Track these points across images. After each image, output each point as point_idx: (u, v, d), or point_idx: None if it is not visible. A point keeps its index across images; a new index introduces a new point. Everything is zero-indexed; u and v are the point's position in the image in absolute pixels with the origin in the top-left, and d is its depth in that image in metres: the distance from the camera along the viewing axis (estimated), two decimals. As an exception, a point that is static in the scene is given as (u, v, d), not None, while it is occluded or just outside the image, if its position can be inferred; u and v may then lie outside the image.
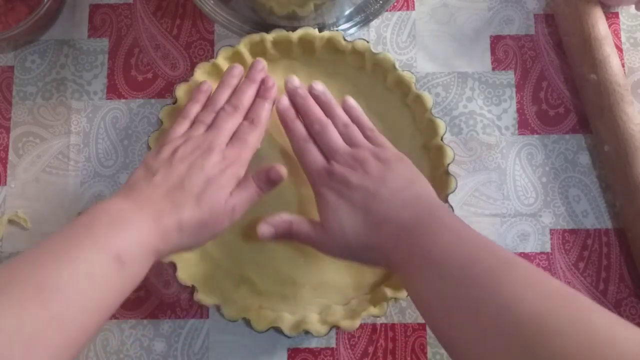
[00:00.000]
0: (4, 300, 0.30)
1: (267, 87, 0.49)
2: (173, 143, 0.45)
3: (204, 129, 0.46)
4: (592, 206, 0.53)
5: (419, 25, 0.56)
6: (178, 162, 0.42)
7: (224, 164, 0.44)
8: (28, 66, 0.56)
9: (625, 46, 0.56)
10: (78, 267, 0.33)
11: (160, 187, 0.41)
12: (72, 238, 0.35)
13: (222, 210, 0.42)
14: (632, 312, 0.52)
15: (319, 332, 0.48)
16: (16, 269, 0.33)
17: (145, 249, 0.37)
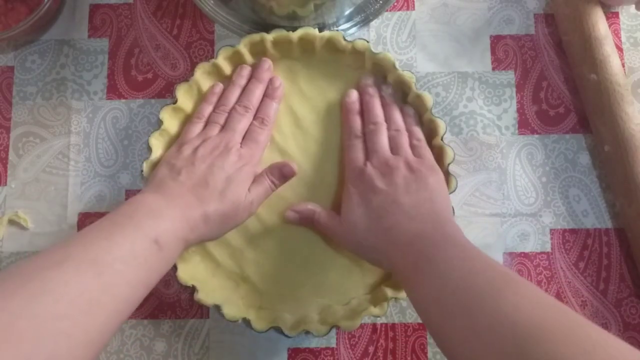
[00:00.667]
0: (64, 272, 0.34)
1: (275, 87, 0.52)
2: (192, 143, 0.49)
3: (218, 129, 0.50)
4: (592, 206, 0.53)
5: (419, 25, 0.56)
6: (200, 162, 0.47)
7: (241, 163, 0.48)
8: (28, 66, 0.56)
9: (625, 46, 0.56)
10: (125, 247, 0.38)
11: (186, 184, 0.45)
12: (118, 224, 0.40)
13: (242, 204, 0.47)
14: (632, 312, 0.52)
15: (319, 332, 0.48)
16: (72, 246, 0.37)
17: (177, 237, 0.42)
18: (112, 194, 0.54)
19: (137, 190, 0.54)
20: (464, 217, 0.53)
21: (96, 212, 0.54)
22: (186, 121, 0.53)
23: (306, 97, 0.53)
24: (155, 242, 0.39)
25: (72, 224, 0.54)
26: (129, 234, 0.39)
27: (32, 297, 0.32)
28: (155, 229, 0.40)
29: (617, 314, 0.52)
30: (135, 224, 0.40)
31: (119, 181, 0.54)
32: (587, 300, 0.52)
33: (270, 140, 0.53)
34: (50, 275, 0.34)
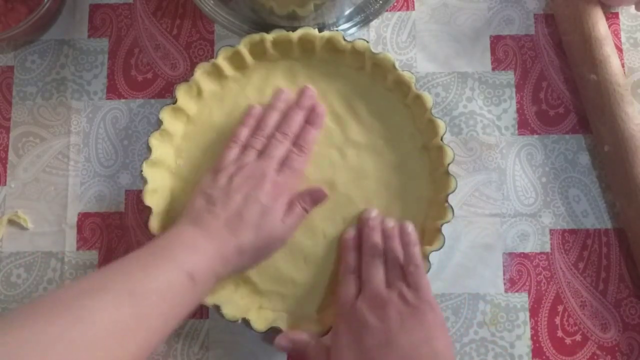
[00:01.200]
0: (102, 300, 0.35)
1: (317, 114, 0.51)
2: (227, 170, 0.48)
3: (256, 155, 0.49)
4: (592, 206, 0.53)
5: (419, 25, 0.56)
6: (235, 192, 0.46)
7: (276, 192, 0.47)
8: (28, 66, 0.56)
9: (625, 46, 0.56)
10: (160, 279, 0.39)
11: (221, 217, 0.45)
12: (154, 255, 0.41)
13: (276, 236, 0.47)
14: (632, 312, 0.52)
15: (319, 332, 0.48)
16: (110, 275, 0.38)
17: (211, 272, 0.42)
18: (112, 194, 0.54)
19: (137, 190, 0.54)
20: (464, 217, 0.53)
21: (96, 212, 0.54)
22: (186, 121, 0.53)
23: (306, 97, 0.53)
24: (190, 276, 0.40)
25: (72, 224, 0.54)
26: (165, 267, 0.40)
27: (70, 323, 0.33)
28: (190, 263, 0.41)
29: (617, 314, 0.52)
30: (171, 256, 0.41)
31: (118, 181, 0.54)
32: (586, 301, 0.52)
33: None
34: (88, 303, 0.35)
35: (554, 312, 0.52)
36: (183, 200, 0.51)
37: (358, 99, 0.53)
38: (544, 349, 0.51)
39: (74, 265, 0.53)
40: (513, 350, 0.51)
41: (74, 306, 0.34)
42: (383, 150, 0.52)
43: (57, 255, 0.53)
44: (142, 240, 0.53)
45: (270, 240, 0.46)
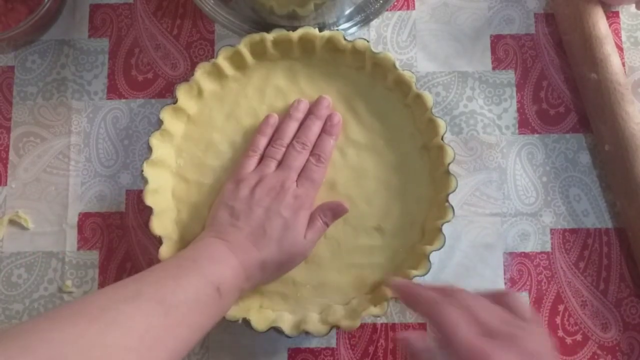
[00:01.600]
0: (137, 307, 0.37)
1: (333, 123, 0.51)
2: (249, 181, 0.49)
3: (275, 165, 0.50)
4: (593, 205, 0.53)
5: (419, 24, 0.56)
6: (257, 205, 0.47)
7: (297, 205, 0.48)
8: (28, 66, 0.56)
9: (625, 45, 0.56)
10: (190, 291, 0.40)
11: (244, 231, 0.46)
12: (184, 266, 0.42)
13: (298, 251, 0.47)
14: (633, 312, 0.52)
15: (320, 332, 0.48)
16: (143, 283, 0.39)
17: (235, 286, 0.43)
18: (113, 194, 0.54)
19: (137, 190, 0.54)
20: (465, 216, 0.53)
21: (97, 212, 0.54)
22: (187, 121, 0.53)
23: (306, 97, 0.53)
24: (217, 289, 0.41)
25: (72, 224, 0.54)
26: (193, 279, 0.41)
27: (106, 327, 0.34)
28: (217, 276, 0.42)
29: (617, 313, 0.52)
30: (199, 269, 0.42)
31: (119, 181, 0.54)
32: (587, 300, 0.52)
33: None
34: (122, 309, 0.36)
35: (555, 311, 0.52)
36: (184, 199, 0.52)
37: (358, 98, 0.53)
38: (545, 349, 0.51)
39: (75, 265, 0.53)
40: (514, 349, 0.51)
41: (110, 310, 0.35)
42: (383, 150, 0.52)
43: (57, 255, 0.53)
44: (142, 240, 0.53)
45: (292, 256, 0.47)
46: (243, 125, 0.53)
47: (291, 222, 0.47)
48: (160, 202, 0.50)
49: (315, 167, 0.50)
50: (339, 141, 0.52)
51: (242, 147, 0.52)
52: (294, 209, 0.47)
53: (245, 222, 0.46)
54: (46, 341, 0.32)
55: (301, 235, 0.47)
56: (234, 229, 0.46)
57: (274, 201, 0.47)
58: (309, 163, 0.50)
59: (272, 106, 0.53)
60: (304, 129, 0.51)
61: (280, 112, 0.53)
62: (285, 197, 0.47)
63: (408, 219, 0.51)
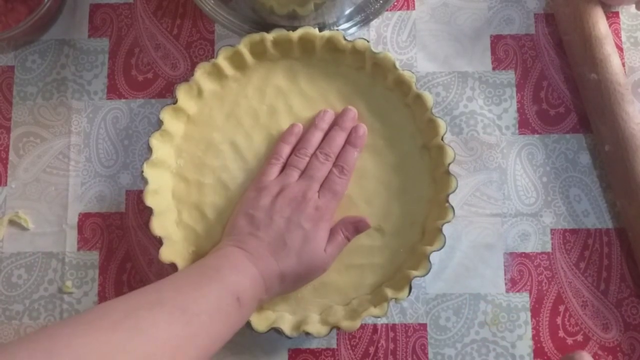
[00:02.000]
0: (157, 314, 0.37)
1: (358, 135, 0.51)
2: (270, 190, 0.49)
3: (298, 174, 0.50)
4: (593, 206, 0.53)
5: (419, 24, 0.56)
6: (278, 216, 0.47)
7: (317, 216, 0.47)
8: (28, 66, 0.56)
9: (625, 45, 0.56)
10: (211, 300, 0.40)
11: (264, 241, 0.46)
12: (205, 275, 0.42)
13: (318, 264, 0.47)
14: (633, 312, 0.52)
15: (320, 332, 0.48)
16: (165, 291, 0.39)
17: (255, 296, 0.44)
18: (113, 194, 0.54)
19: (137, 190, 0.54)
20: (465, 217, 0.53)
21: (97, 213, 0.54)
22: (187, 121, 0.53)
23: (306, 97, 0.53)
24: (237, 298, 0.41)
25: (72, 225, 0.54)
26: (215, 288, 0.41)
27: (129, 334, 0.34)
28: (238, 286, 0.42)
29: (618, 314, 0.52)
30: (220, 278, 0.42)
31: (119, 181, 0.54)
32: (587, 301, 0.52)
33: (270, 140, 0.52)
34: (144, 315, 0.36)
35: (556, 312, 0.52)
36: (184, 200, 0.52)
37: (358, 98, 0.53)
38: (546, 349, 0.51)
39: (75, 266, 0.53)
40: (514, 350, 0.51)
41: (132, 317, 0.35)
42: (383, 150, 0.52)
43: (57, 256, 0.53)
44: (142, 241, 0.53)
45: (311, 269, 0.47)
46: (243, 125, 0.53)
47: (312, 235, 0.46)
48: (161, 202, 0.50)
49: (337, 179, 0.50)
50: None
51: (242, 147, 0.52)
52: (314, 221, 0.47)
53: (266, 232, 0.46)
54: (70, 346, 0.32)
55: (321, 248, 0.47)
56: (254, 238, 0.46)
57: (295, 212, 0.47)
58: (331, 174, 0.50)
59: (272, 106, 0.53)
60: (329, 140, 0.51)
61: (281, 112, 0.53)
62: (307, 208, 0.47)
63: (408, 219, 0.51)
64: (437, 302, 0.52)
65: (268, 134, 0.53)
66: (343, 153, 0.51)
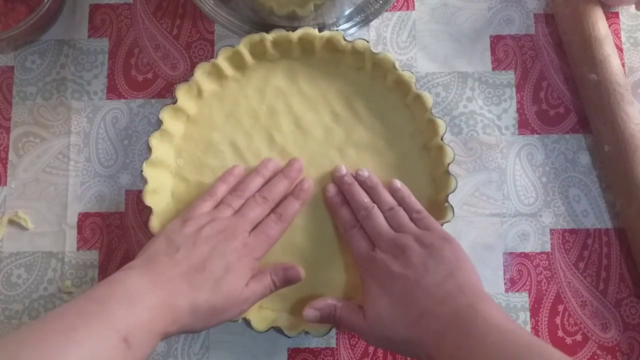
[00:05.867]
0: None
1: (303, 188, 0.50)
2: (198, 221, 0.45)
3: (231, 212, 0.47)
4: (592, 206, 0.53)
5: (419, 25, 0.56)
6: (202, 243, 0.43)
7: (244, 252, 0.45)
8: (28, 66, 0.56)
9: (625, 46, 0.56)
10: (86, 349, 0.34)
11: (181, 266, 0.41)
12: (84, 314, 0.36)
13: (236, 299, 0.43)
14: (632, 312, 0.52)
15: (319, 332, 0.48)
16: (22, 345, 0.33)
17: (153, 332, 0.38)
18: (112, 194, 0.54)
19: (137, 190, 0.54)
20: (464, 217, 0.53)
21: (96, 212, 0.54)
22: (186, 121, 0.53)
23: (306, 97, 0.53)
24: (124, 340, 0.35)
25: (72, 224, 0.54)
26: (95, 329, 0.35)
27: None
28: (126, 324, 0.36)
29: (617, 314, 0.52)
30: (105, 315, 0.36)
31: (118, 181, 0.54)
32: (587, 301, 0.52)
33: (270, 140, 0.53)
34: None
35: (555, 311, 0.52)
36: (183, 199, 0.52)
37: (358, 98, 0.53)
38: (545, 349, 0.51)
39: (75, 266, 0.53)
40: (513, 350, 0.51)
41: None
42: (383, 150, 0.52)
43: (57, 256, 0.53)
44: (142, 241, 0.53)
45: (228, 303, 0.42)
46: (243, 126, 0.53)
47: (234, 266, 0.43)
48: (160, 202, 0.50)
49: (273, 224, 0.47)
50: (338, 141, 0.52)
51: (242, 147, 0.52)
52: (240, 255, 0.44)
53: (185, 256, 0.42)
54: None
55: (243, 281, 0.43)
56: (168, 259, 0.42)
57: (220, 242, 0.44)
58: (268, 219, 0.48)
59: (271, 106, 0.53)
60: (270, 185, 0.49)
61: (280, 113, 0.53)
62: (234, 241, 0.44)
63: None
64: (436, 302, 0.52)
65: (268, 134, 0.53)
66: (284, 203, 0.49)
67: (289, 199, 0.50)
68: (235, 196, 0.48)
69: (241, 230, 0.46)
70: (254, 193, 0.49)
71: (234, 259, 0.43)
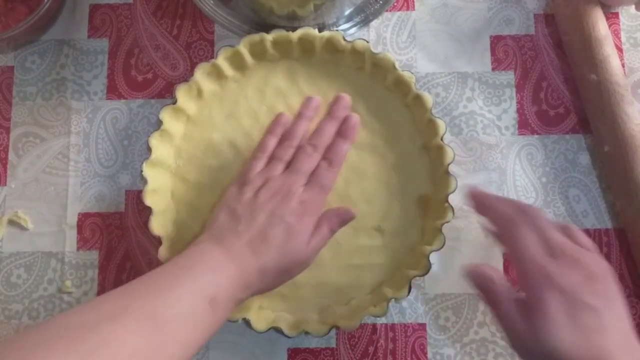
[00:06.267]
0: (122, 325, 0.34)
1: (350, 125, 0.48)
2: (253, 183, 0.46)
3: (283, 167, 0.47)
4: (592, 206, 0.53)
5: (419, 25, 0.56)
6: (259, 210, 0.44)
7: (302, 210, 0.45)
8: (28, 66, 0.56)
9: (625, 46, 0.56)
10: (182, 305, 0.38)
11: (244, 236, 0.43)
12: (176, 276, 0.40)
13: (300, 258, 0.44)
14: (632, 312, 0.52)
15: (319, 332, 0.48)
16: (131, 298, 0.37)
17: (231, 297, 0.41)
18: (112, 194, 0.54)
19: (137, 190, 0.54)
20: (464, 217, 0.53)
21: (96, 212, 0.54)
22: (186, 121, 0.53)
23: (306, 97, 0.53)
24: (212, 302, 0.39)
25: (72, 224, 0.54)
26: (186, 291, 0.39)
27: (91, 350, 0.32)
28: (212, 287, 0.40)
29: (617, 314, 0.52)
30: (192, 279, 0.40)
31: (118, 181, 0.54)
32: (587, 301, 0.52)
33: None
34: (108, 329, 0.34)
35: (554, 312, 0.52)
36: (183, 199, 0.52)
37: (358, 98, 0.53)
38: (544, 349, 0.51)
39: (74, 266, 0.53)
40: (513, 350, 0.51)
41: (95, 331, 0.33)
42: (383, 150, 0.52)
43: (57, 256, 0.53)
44: (142, 241, 0.53)
45: (294, 263, 0.44)
46: (243, 126, 0.53)
47: (295, 229, 0.44)
48: (160, 202, 0.50)
49: (325, 172, 0.46)
50: None
51: (242, 147, 0.52)
52: (299, 215, 0.44)
53: (246, 227, 0.43)
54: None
55: (304, 242, 0.44)
56: (233, 234, 0.43)
57: (278, 205, 0.44)
58: (319, 167, 0.47)
59: (271, 107, 0.53)
60: (317, 130, 0.48)
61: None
62: (291, 201, 0.44)
63: (408, 219, 0.51)
64: (436, 302, 0.52)
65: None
66: (333, 145, 0.47)
67: (337, 140, 0.47)
68: (284, 147, 0.47)
69: (296, 187, 0.45)
70: (303, 141, 0.48)
71: (294, 220, 0.44)
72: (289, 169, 0.47)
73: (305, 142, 0.48)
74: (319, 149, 0.47)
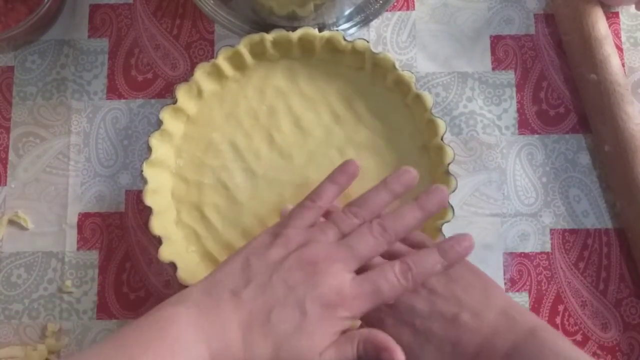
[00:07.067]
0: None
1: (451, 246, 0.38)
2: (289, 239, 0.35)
3: (336, 236, 0.36)
4: (593, 206, 0.53)
5: (419, 25, 0.56)
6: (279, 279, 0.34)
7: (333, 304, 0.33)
8: (28, 66, 0.56)
9: (625, 46, 0.56)
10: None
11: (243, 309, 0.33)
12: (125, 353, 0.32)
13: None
14: (632, 312, 0.52)
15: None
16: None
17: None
18: (112, 194, 0.54)
19: (137, 190, 0.54)
20: (464, 217, 0.53)
21: (96, 212, 0.54)
22: (186, 121, 0.53)
23: (306, 97, 0.53)
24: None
25: (72, 224, 0.54)
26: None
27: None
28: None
29: (617, 314, 0.52)
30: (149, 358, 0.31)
31: (119, 181, 0.54)
32: (587, 301, 0.52)
33: (270, 140, 0.52)
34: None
35: (555, 311, 0.52)
36: (183, 199, 0.52)
37: (358, 98, 0.53)
38: (545, 349, 0.51)
39: (75, 265, 0.53)
40: (513, 350, 0.51)
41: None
42: (383, 150, 0.52)
43: (57, 256, 0.53)
44: (142, 241, 0.53)
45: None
46: (243, 126, 0.53)
47: (311, 324, 0.32)
48: (160, 202, 0.50)
49: (393, 279, 0.34)
50: (338, 141, 0.52)
51: (242, 147, 0.52)
52: (325, 308, 0.33)
53: (252, 296, 0.33)
54: None
55: (315, 349, 0.33)
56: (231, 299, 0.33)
57: (305, 281, 0.33)
58: (387, 270, 0.35)
59: (271, 106, 0.53)
60: (397, 213, 0.37)
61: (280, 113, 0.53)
62: (324, 285, 0.33)
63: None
64: (436, 302, 0.52)
65: (268, 134, 0.53)
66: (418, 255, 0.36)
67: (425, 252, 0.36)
68: (348, 215, 0.37)
69: (340, 268, 0.34)
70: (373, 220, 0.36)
71: (315, 311, 0.32)
72: (343, 241, 0.36)
73: (375, 220, 0.37)
74: (388, 235, 0.36)
